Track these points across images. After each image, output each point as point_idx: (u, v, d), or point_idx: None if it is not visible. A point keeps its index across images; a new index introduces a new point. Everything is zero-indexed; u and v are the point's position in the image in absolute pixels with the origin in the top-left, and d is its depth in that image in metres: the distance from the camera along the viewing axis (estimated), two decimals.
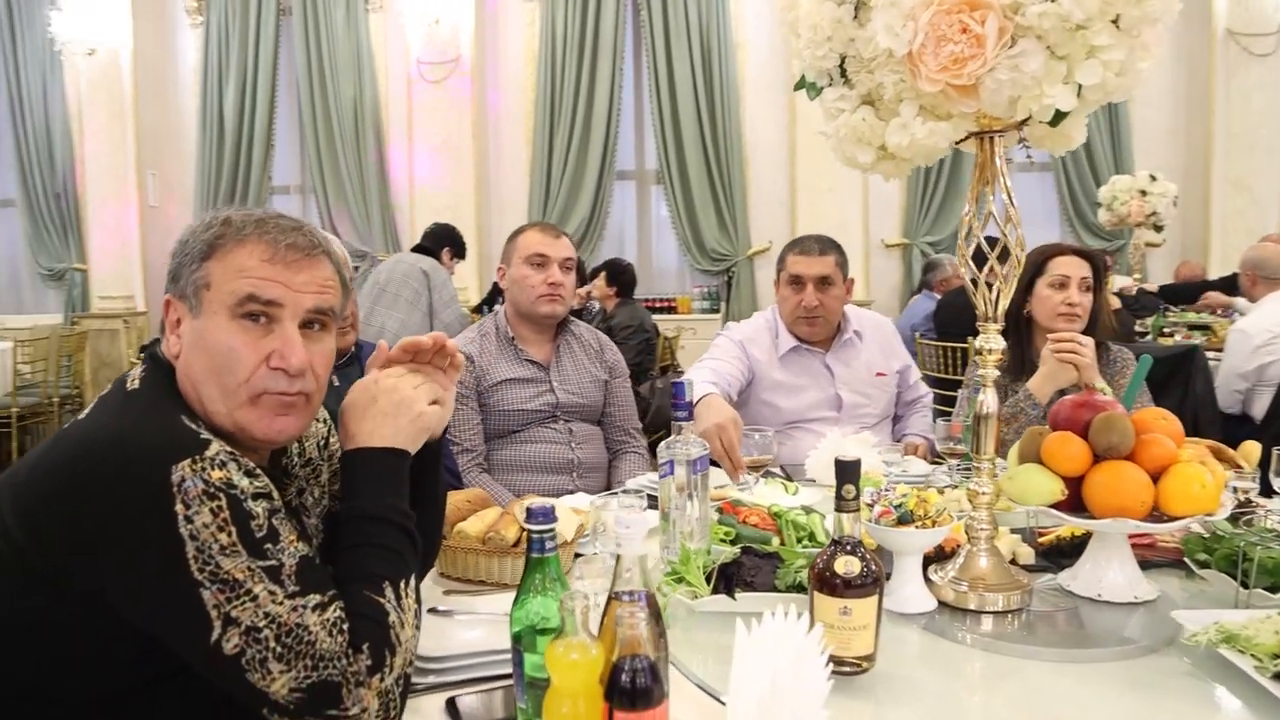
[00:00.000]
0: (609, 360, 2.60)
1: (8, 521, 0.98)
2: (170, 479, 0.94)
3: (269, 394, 1.08)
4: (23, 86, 8.68)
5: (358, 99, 8.11)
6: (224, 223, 1.10)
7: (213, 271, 1.07)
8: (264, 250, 1.08)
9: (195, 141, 8.57)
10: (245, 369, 1.06)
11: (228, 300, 1.06)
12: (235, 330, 1.06)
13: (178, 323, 1.10)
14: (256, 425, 1.08)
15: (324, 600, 0.98)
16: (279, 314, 1.09)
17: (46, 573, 0.96)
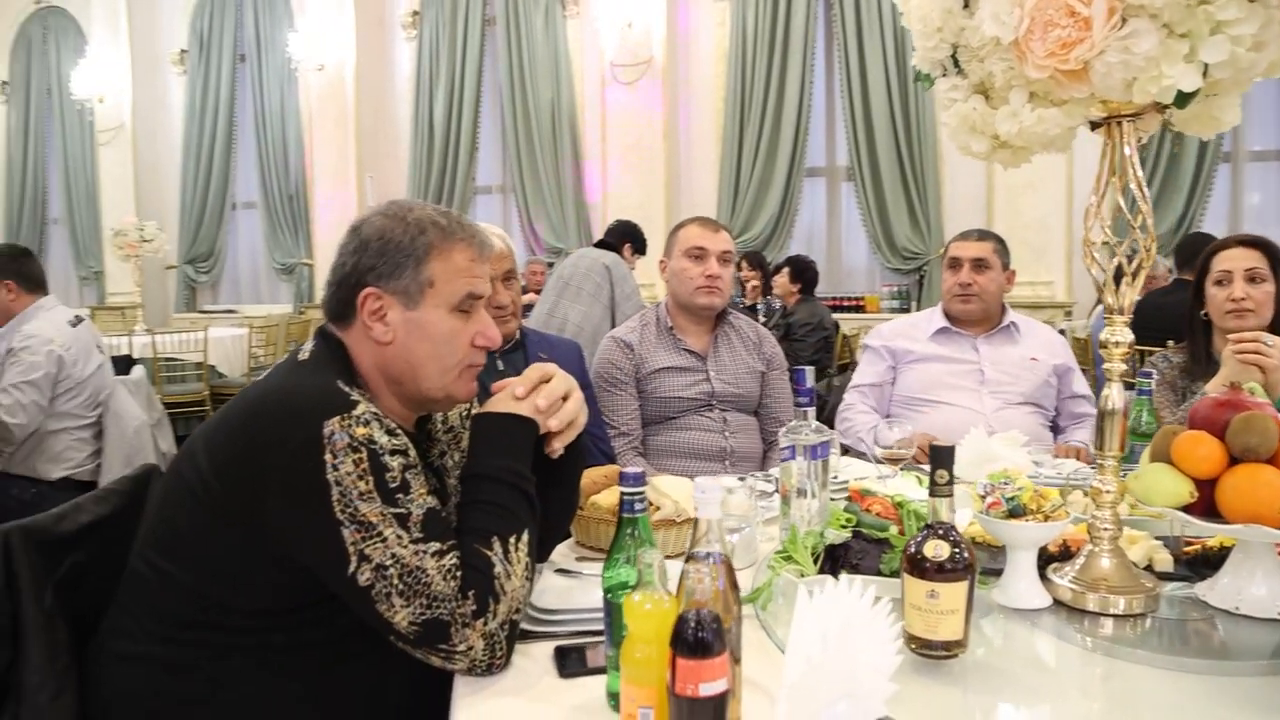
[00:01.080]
0: (767, 353, 2.64)
1: (199, 461, 1.18)
2: (322, 432, 1.11)
3: (473, 366, 1.31)
4: (265, 101, 9.68)
5: (555, 102, 8.47)
6: (433, 225, 1.27)
7: (436, 272, 1.26)
8: (471, 251, 1.28)
9: (408, 146, 9.24)
10: (460, 350, 1.28)
11: (451, 299, 1.27)
12: (453, 320, 1.27)
13: (380, 311, 1.26)
14: (461, 391, 1.31)
15: (442, 548, 1.11)
16: (479, 303, 1.30)
17: (227, 505, 1.14)
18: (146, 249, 7.54)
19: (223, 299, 10.35)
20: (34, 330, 3.04)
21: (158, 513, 1.25)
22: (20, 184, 11.28)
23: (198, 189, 10.05)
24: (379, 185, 9.40)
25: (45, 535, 1.25)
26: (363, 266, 1.27)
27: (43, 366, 2.96)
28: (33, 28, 11.16)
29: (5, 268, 3.11)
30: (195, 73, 10.05)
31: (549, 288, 5.10)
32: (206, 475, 1.16)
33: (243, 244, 10.30)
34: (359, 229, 1.31)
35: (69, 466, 3.05)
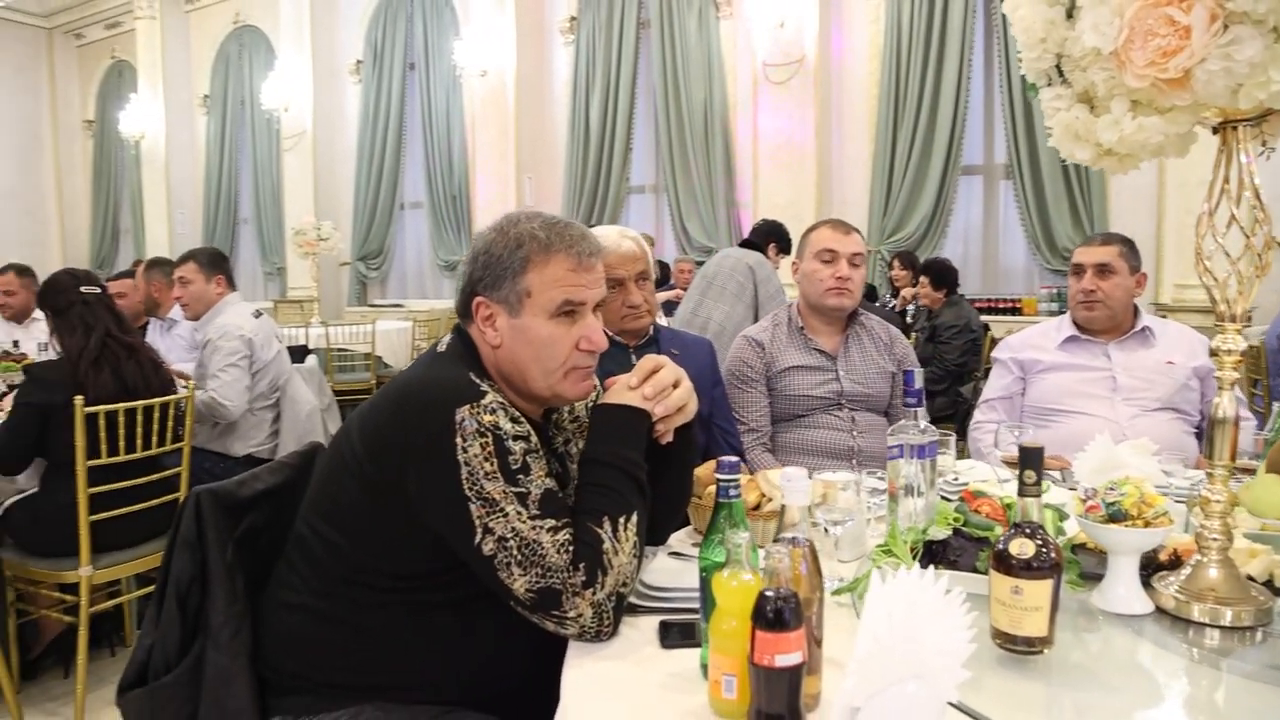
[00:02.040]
0: (898, 353, 2.66)
1: (354, 440, 1.35)
2: (455, 417, 1.26)
3: (579, 368, 1.40)
4: (431, 107, 10.22)
5: (707, 102, 8.56)
6: (531, 239, 1.38)
7: (532, 283, 1.38)
8: (569, 261, 1.39)
9: (564, 147, 9.54)
10: (563, 354, 1.39)
11: (548, 307, 1.38)
12: (553, 326, 1.38)
13: (490, 317, 1.40)
14: (570, 391, 1.42)
15: (557, 525, 1.24)
16: (582, 309, 1.40)
17: (375, 480, 1.31)
18: (323, 247, 8.13)
19: (391, 294, 11.01)
20: (226, 321, 3.41)
21: (319, 485, 1.43)
22: (216, 187, 12.36)
23: (369, 190, 10.73)
24: (537, 185, 9.76)
25: (229, 498, 1.46)
26: (474, 277, 1.42)
27: (240, 350, 3.32)
28: (230, 45, 12.19)
29: (218, 265, 3.51)
30: (369, 81, 10.73)
31: (694, 287, 5.19)
32: (359, 453, 1.33)
33: (409, 242, 10.93)
34: (474, 242, 1.46)
35: (252, 444, 3.39)
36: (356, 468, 1.33)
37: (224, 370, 3.28)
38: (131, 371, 2.82)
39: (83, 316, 2.79)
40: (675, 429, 1.45)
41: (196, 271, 3.49)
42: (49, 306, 2.85)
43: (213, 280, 3.48)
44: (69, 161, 14.43)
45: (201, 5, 12.54)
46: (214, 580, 1.39)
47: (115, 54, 13.62)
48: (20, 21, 13.73)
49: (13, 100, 13.79)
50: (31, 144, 14.13)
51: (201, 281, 3.48)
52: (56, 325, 2.82)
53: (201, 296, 3.49)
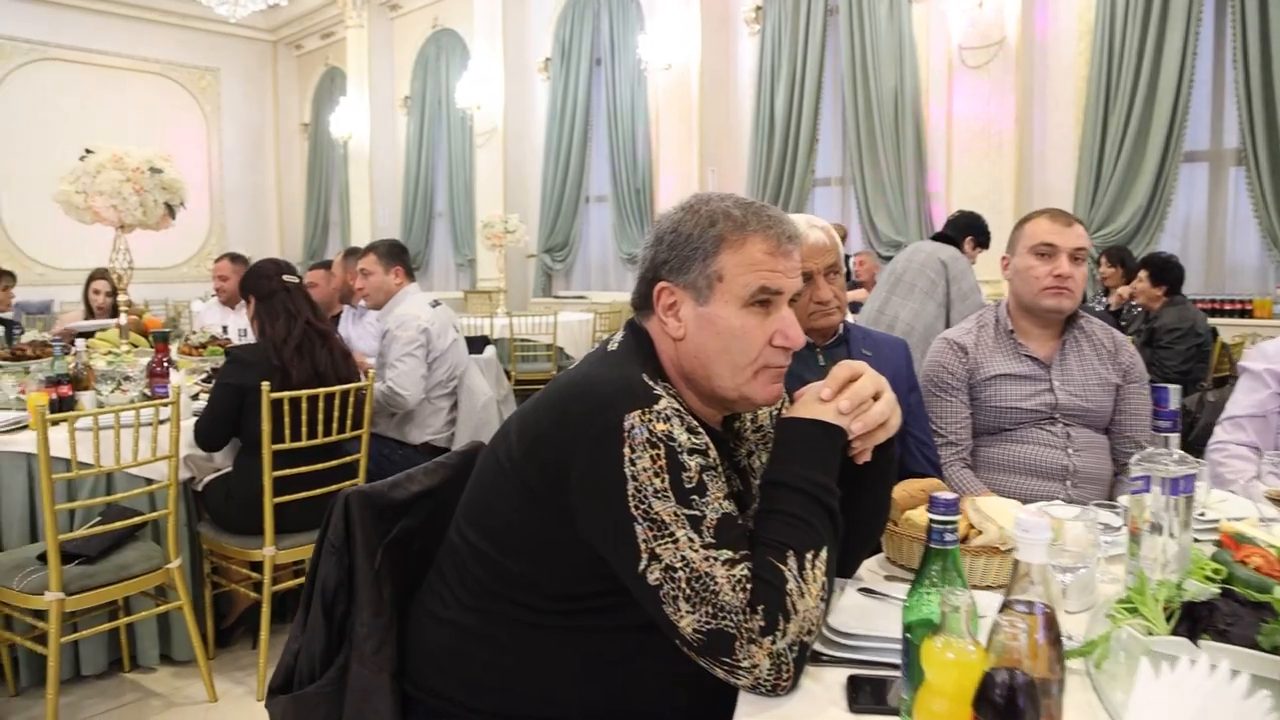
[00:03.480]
0: (1124, 362, 2.32)
1: (511, 441, 1.23)
2: (623, 424, 1.11)
3: (770, 367, 1.24)
4: (616, 101, 10.27)
5: (898, 90, 8.14)
6: (725, 217, 1.23)
7: (725, 266, 1.21)
8: (767, 243, 1.22)
9: (748, 139, 9.35)
10: (754, 349, 1.22)
11: (742, 293, 1.21)
12: (745, 317, 1.21)
13: (673, 306, 1.25)
14: (759, 393, 1.24)
15: (734, 557, 1.07)
16: (778, 300, 1.23)
17: (531, 485, 1.19)
18: (510, 240, 8.31)
19: (575, 285, 11.18)
20: (404, 312, 3.46)
21: (475, 489, 1.33)
22: (414, 183, 12.98)
23: (556, 184, 10.92)
24: (720, 178, 9.61)
25: (380, 500, 1.38)
26: (657, 260, 1.27)
27: (416, 340, 3.36)
28: (429, 49, 12.76)
29: (398, 257, 3.57)
30: (557, 78, 10.91)
31: (880, 283, 4.90)
32: (516, 455, 1.21)
33: (594, 235, 11.05)
34: (659, 223, 1.30)
35: (429, 433, 3.43)
36: (513, 473, 1.21)
37: (401, 360, 3.32)
38: (324, 359, 2.89)
39: (285, 304, 2.89)
40: (878, 446, 1.25)
41: (376, 263, 3.57)
42: (252, 292, 2.96)
43: (391, 271, 3.54)
44: (287, 161, 15.58)
45: (404, 12, 13.18)
46: (361, 588, 1.31)
47: (328, 61, 14.56)
48: (250, 37, 14.93)
49: (243, 107, 15.03)
50: (257, 146, 15.35)
51: (381, 273, 3.55)
52: (259, 311, 2.93)
53: (381, 287, 3.55)
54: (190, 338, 3.66)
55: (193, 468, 2.96)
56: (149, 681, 2.99)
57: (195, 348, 3.57)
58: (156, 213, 3.57)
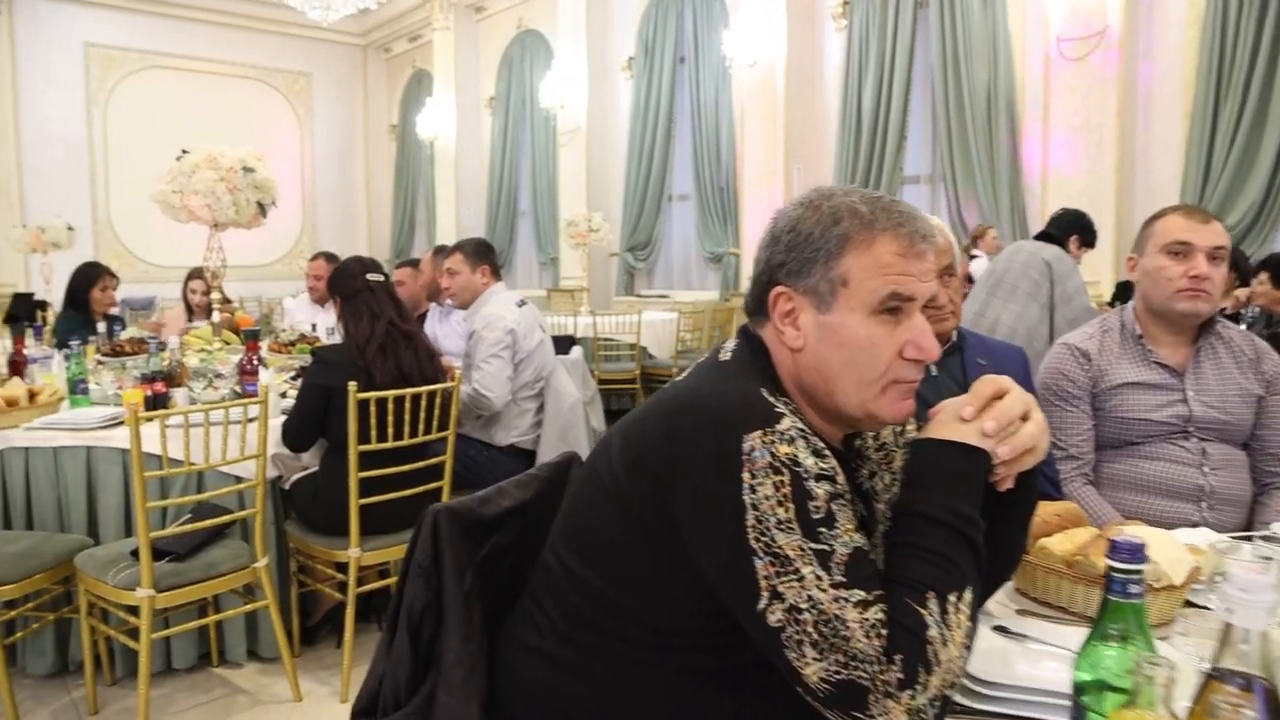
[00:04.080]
0: (1267, 373, 2.12)
1: (613, 456, 1.13)
2: (742, 446, 1.00)
3: (900, 382, 1.11)
4: (700, 99, 10.16)
5: (991, 83, 7.84)
6: (850, 214, 1.11)
7: (850, 269, 1.09)
8: (898, 243, 1.09)
9: (835, 136, 9.13)
10: (883, 362, 1.10)
11: (869, 300, 1.09)
12: (873, 326, 1.09)
13: (791, 313, 1.13)
14: (887, 410, 1.12)
15: (867, 598, 0.95)
16: (910, 307, 1.10)
17: (635, 507, 1.08)
18: (593, 238, 8.27)
19: (657, 284, 11.10)
20: (490, 312, 3.41)
21: (571, 505, 1.24)
22: (499, 183, 13.08)
23: (639, 183, 10.86)
24: (805, 176, 9.43)
25: (470, 518, 1.29)
26: (774, 262, 1.14)
27: (503, 341, 3.31)
28: (514, 49, 12.84)
29: (484, 256, 3.53)
30: (640, 77, 10.85)
31: (979, 285, 4.69)
32: (618, 473, 1.12)
33: (676, 233, 10.96)
34: (775, 221, 1.18)
35: (516, 434, 3.37)
36: (615, 491, 1.11)
37: (487, 361, 3.27)
38: (409, 360, 2.86)
39: (368, 304, 2.86)
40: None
41: (462, 262, 3.53)
42: (337, 292, 2.95)
43: (478, 270, 3.50)
44: (376, 162, 15.90)
45: (490, 14, 13.30)
46: (449, 611, 1.22)
47: (416, 64, 14.80)
48: (341, 41, 15.28)
49: (334, 109, 15.40)
50: (346, 147, 15.71)
51: (467, 272, 3.51)
52: (343, 310, 2.91)
53: (468, 286, 3.51)
54: (280, 335, 3.68)
55: (280, 466, 2.96)
56: (236, 678, 3.00)
57: (284, 345, 3.59)
58: (249, 211, 3.60)
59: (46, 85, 12.62)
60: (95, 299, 4.54)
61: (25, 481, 2.82)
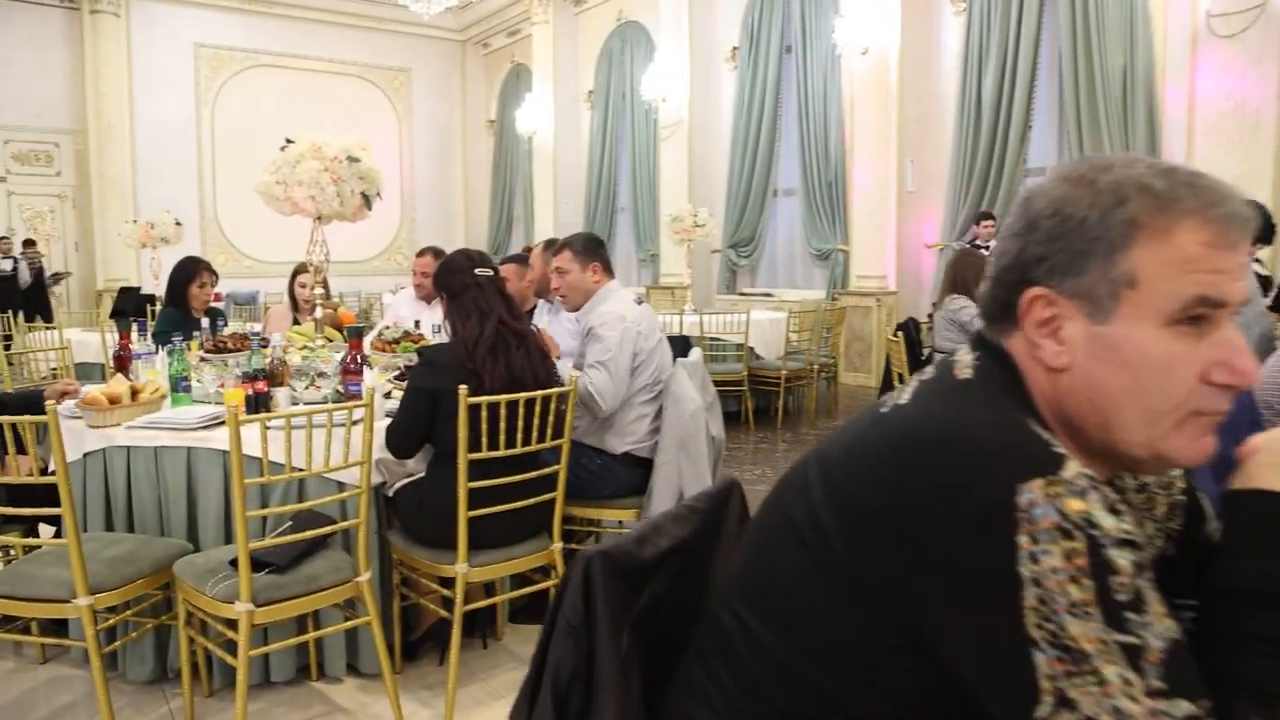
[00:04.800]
0: None
1: (815, 498, 0.87)
2: (1015, 499, 0.73)
3: (1202, 414, 0.83)
4: (808, 90, 9.79)
5: (1128, 67, 7.28)
6: (1141, 192, 0.82)
7: (1141, 265, 0.82)
8: (1207, 230, 0.81)
9: (952, 128, 8.69)
10: (1182, 389, 0.82)
11: (1166, 306, 0.81)
12: (1169, 340, 0.82)
13: (1052, 321, 0.86)
14: (1182, 452, 0.83)
15: (1196, 713, 0.69)
16: (1219, 315, 0.81)
17: (849, 567, 0.83)
18: (698, 234, 8.01)
19: (760, 282, 10.79)
20: (609, 309, 3.17)
21: (751, 552, 0.98)
22: (597, 177, 12.94)
23: (742, 177, 10.55)
24: (919, 169, 9.00)
25: (628, 563, 1.04)
26: (1028, 256, 0.87)
27: (620, 342, 3.06)
28: (613, 42, 12.68)
29: (594, 252, 3.30)
30: (744, 68, 10.54)
31: None
32: (824, 523, 0.85)
33: (781, 230, 10.62)
34: (1029, 201, 0.89)
35: (631, 441, 3.12)
36: (818, 545, 0.85)
37: (601, 364, 3.03)
38: (520, 361, 2.63)
39: (476, 301, 2.64)
40: None
41: (571, 260, 3.29)
42: (444, 288, 2.75)
43: (588, 268, 3.26)
44: (474, 158, 15.98)
45: (589, 7, 13.17)
46: (603, 679, 0.97)
47: (514, 58, 14.79)
48: (440, 37, 15.40)
49: (433, 106, 15.54)
50: (445, 144, 15.83)
51: (577, 270, 3.27)
52: (451, 309, 2.71)
53: (578, 286, 3.28)
54: (384, 333, 3.51)
55: (384, 472, 2.77)
56: (335, 693, 2.84)
57: (388, 344, 3.42)
58: (353, 203, 3.44)
59: (158, 85, 13.03)
60: (193, 295, 4.46)
61: (127, 481, 2.71)
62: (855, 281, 9.13)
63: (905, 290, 9.09)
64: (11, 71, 12.14)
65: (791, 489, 0.93)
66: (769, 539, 0.94)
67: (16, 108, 12.22)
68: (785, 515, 0.91)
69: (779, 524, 0.92)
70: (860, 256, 9.08)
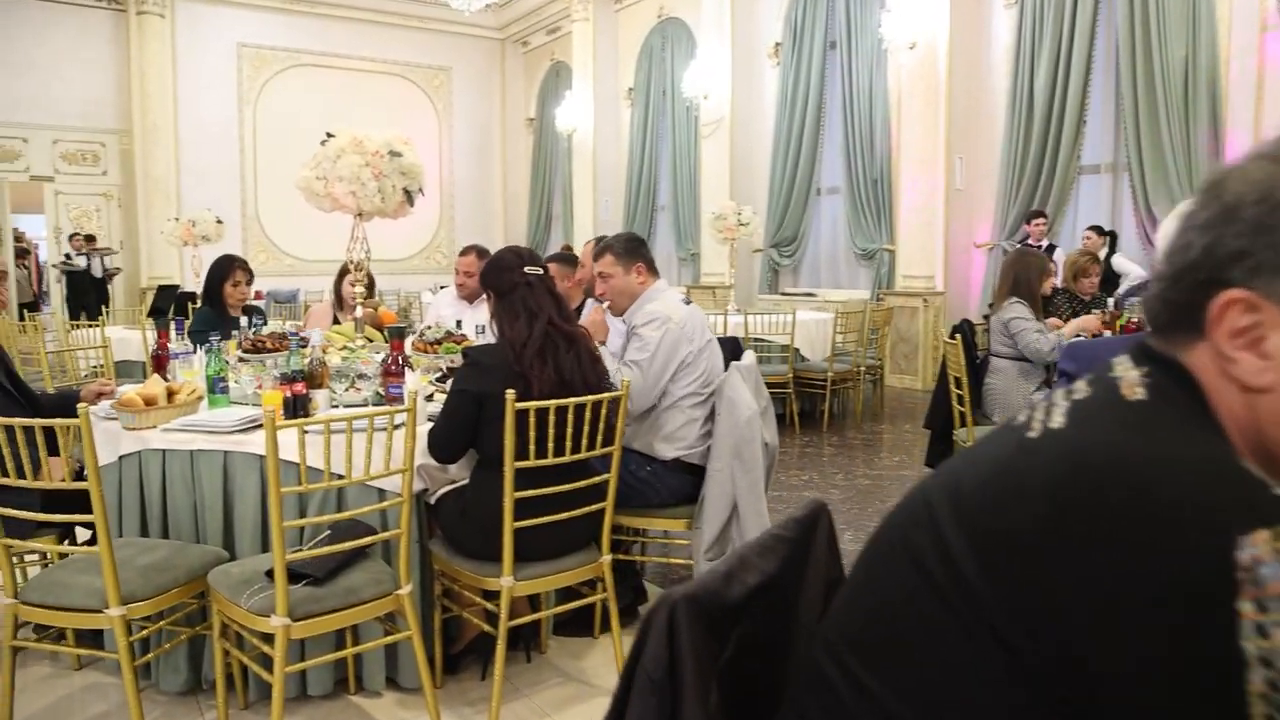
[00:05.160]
0: None
1: (948, 539, 0.72)
2: (1233, 554, 0.58)
3: None
4: (852, 86, 9.58)
5: (1189, 61, 7.00)
6: None
7: None
8: None
9: (1002, 123, 8.45)
10: None
11: None
12: None
13: (1252, 330, 0.71)
14: None
15: None
16: None
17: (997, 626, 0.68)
18: (742, 232, 7.85)
19: (802, 282, 10.59)
20: (655, 308, 3.04)
21: (861, 598, 0.83)
22: (637, 175, 12.81)
23: (785, 176, 10.36)
24: (968, 166, 8.77)
25: (714, 605, 0.89)
26: (1223, 251, 0.71)
27: (659, 343, 2.93)
28: (654, 39, 12.54)
29: (636, 252, 3.15)
30: (787, 64, 10.35)
31: None
32: (964, 569, 0.70)
33: (824, 229, 10.42)
34: (1218, 185, 0.73)
35: (682, 447, 2.98)
36: (954, 592, 0.70)
37: (635, 361, 2.89)
38: (570, 364, 2.50)
39: (525, 301, 2.52)
40: None
41: (614, 263, 3.15)
42: (491, 287, 2.63)
43: (632, 270, 3.11)
44: (513, 156, 15.92)
45: (629, 4, 13.04)
46: None
47: (554, 56, 14.71)
48: (480, 35, 15.37)
49: (473, 104, 15.50)
50: (484, 142, 15.79)
51: (621, 274, 3.13)
52: (498, 308, 2.58)
53: (624, 290, 3.13)
54: (425, 333, 3.40)
55: (426, 478, 2.65)
56: (374, 708, 2.73)
57: (430, 344, 3.31)
58: (395, 199, 3.34)
59: (202, 85, 13.12)
60: (227, 293, 4.36)
61: (162, 486, 2.62)
62: (901, 281, 8.92)
63: (954, 290, 8.86)
64: (60, 73, 12.29)
65: (915, 526, 0.77)
66: (887, 581, 0.79)
67: (64, 108, 12.38)
68: (911, 558, 0.76)
69: (901, 567, 0.77)
70: (907, 256, 8.87)
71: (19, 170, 12.34)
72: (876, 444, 6.48)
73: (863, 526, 4.48)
